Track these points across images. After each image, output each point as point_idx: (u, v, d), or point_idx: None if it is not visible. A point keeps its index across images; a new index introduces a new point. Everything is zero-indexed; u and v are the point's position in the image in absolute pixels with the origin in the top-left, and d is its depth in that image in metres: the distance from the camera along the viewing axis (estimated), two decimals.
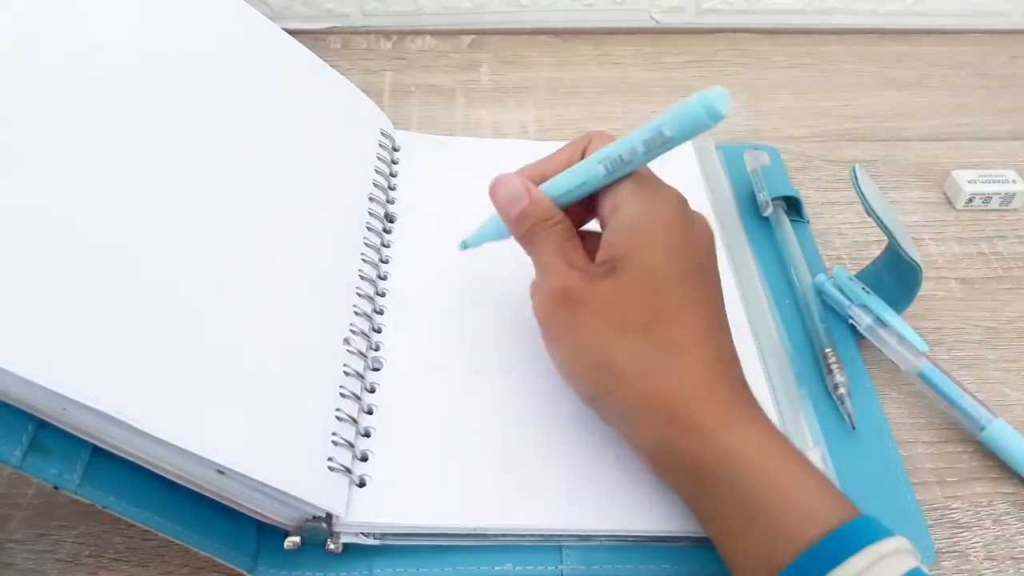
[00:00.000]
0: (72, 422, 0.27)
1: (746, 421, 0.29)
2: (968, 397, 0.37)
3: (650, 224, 0.31)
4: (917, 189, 0.51)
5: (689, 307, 0.30)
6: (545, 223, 0.33)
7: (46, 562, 0.33)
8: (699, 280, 0.31)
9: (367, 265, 0.40)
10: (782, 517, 0.27)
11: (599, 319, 0.30)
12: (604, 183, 0.32)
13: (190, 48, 0.37)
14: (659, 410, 0.30)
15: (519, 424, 0.35)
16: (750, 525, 0.28)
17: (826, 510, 0.27)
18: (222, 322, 0.31)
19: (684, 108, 0.29)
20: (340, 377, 0.34)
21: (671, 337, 0.30)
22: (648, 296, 0.30)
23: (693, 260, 0.31)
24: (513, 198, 0.33)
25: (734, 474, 0.28)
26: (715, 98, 0.28)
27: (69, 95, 0.31)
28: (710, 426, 0.29)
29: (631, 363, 0.30)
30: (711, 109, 0.28)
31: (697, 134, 0.30)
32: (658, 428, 0.30)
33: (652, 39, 0.63)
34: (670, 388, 0.29)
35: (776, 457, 0.28)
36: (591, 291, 0.31)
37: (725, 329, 0.32)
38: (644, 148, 0.30)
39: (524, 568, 0.32)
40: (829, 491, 0.28)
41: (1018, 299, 0.44)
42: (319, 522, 0.31)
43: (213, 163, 0.35)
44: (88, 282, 0.28)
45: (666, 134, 0.30)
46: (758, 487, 0.28)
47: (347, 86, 0.47)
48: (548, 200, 0.33)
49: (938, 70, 0.60)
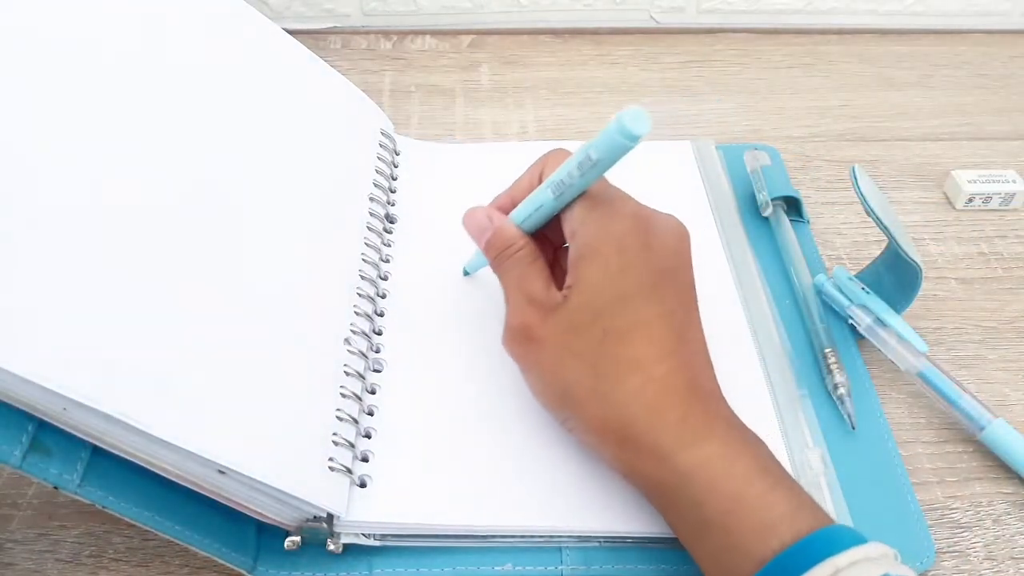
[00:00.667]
0: (72, 422, 0.27)
1: (702, 439, 0.29)
2: (968, 397, 0.37)
3: (599, 246, 0.31)
4: (917, 189, 0.51)
5: (642, 325, 0.30)
6: (508, 250, 0.33)
7: (46, 562, 0.33)
8: (657, 293, 0.31)
9: (368, 265, 0.40)
10: (737, 535, 0.27)
11: (555, 351, 0.31)
12: (558, 206, 0.32)
13: (190, 48, 0.37)
14: (611, 434, 0.30)
15: (519, 425, 0.35)
16: (708, 541, 0.28)
17: (784, 525, 0.26)
18: (223, 322, 0.31)
19: (604, 130, 0.29)
20: (341, 377, 0.34)
21: (621, 359, 0.30)
22: (596, 320, 0.30)
23: (650, 273, 0.31)
24: (480, 229, 0.35)
25: (688, 494, 0.28)
26: (629, 118, 0.28)
27: (69, 95, 0.31)
28: (661, 448, 0.29)
29: (582, 391, 0.30)
30: (624, 129, 0.28)
31: (620, 155, 0.30)
32: (613, 451, 0.30)
33: (652, 39, 0.63)
34: (619, 414, 0.29)
35: (734, 474, 0.28)
36: (546, 326, 0.31)
37: (692, 340, 0.31)
38: (579, 171, 0.31)
39: (524, 568, 0.32)
40: (792, 504, 0.27)
41: (1018, 299, 0.44)
42: (319, 522, 0.31)
43: (213, 163, 0.35)
44: (88, 282, 0.27)
45: (593, 157, 0.30)
46: (712, 506, 0.27)
47: (347, 86, 0.47)
48: (512, 228, 0.34)
49: (938, 70, 0.60)
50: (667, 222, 0.33)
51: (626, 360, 0.30)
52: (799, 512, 0.27)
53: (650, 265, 0.31)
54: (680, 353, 0.30)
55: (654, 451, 0.29)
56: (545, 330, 0.31)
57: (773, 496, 0.27)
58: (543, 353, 0.31)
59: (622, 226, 0.31)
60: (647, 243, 0.31)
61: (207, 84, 0.37)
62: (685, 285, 0.32)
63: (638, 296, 0.30)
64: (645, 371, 0.29)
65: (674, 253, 0.32)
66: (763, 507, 0.27)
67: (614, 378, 0.30)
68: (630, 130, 0.28)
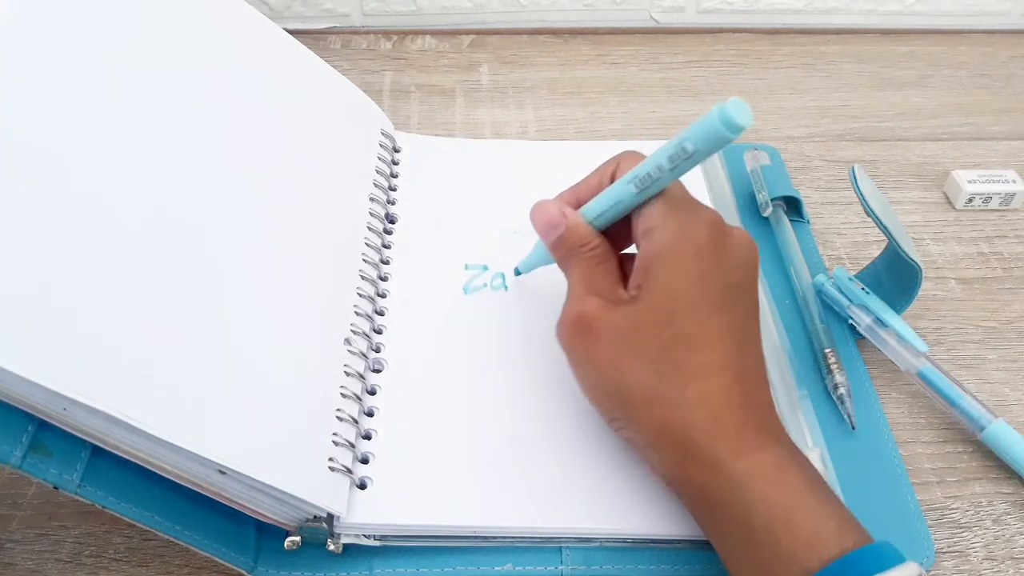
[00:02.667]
0: (72, 422, 0.27)
1: (756, 450, 0.29)
2: (968, 397, 0.37)
3: (677, 249, 0.31)
4: (917, 189, 0.51)
5: (709, 334, 0.30)
6: (580, 248, 0.33)
7: (46, 562, 0.33)
8: (726, 305, 0.30)
9: (368, 265, 0.40)
10: (785, 545, 0.27)
11: (614, 346, 0.30)
12: (637, 201, 0.32)
13: (190, 48, 0.37)
14: (668, 439, 0.29)
15: (519, 425, 0.35)
16: (753, 550, 0.28)
17: (831, 539, 0.27)
18: (223, 322, 0.31)
19: (703, 121, 0.28)
20: (341, 378, 0.34)
21: (686, 365, 0.30)
22: (665, 323, 0.30)
23: (722, 284, 0.31)
24: (550, 224, 0.34)
25: (738, 502, 0.28)
26: (732, 109, 0.27)
27: (69, 94, 0.31)
28: (717, 455, 0.28)
29: (643, 391, 0.30)
30: (728, 120, 0.28)
31: (719, 147, 0.29)
32: (668, 457, 0.30)
33: (652, 39, 0.63)
34: (679, 417, 0.29)
35: (785, 486, 0.28)
36: (607, 318, 0.31)
37: (752, 354, 0.31)
38: (670, 164, 0.30)
39: (524, 568, 0.32)
40: (839, 520, 0.28)
41: (1018, 299, 0.44)
42: (319, 522, 0.31)
43: (213, 163, 0.35)
44: (88, 282, 0.27)
45: (688, 149, 0.29)
46: (762, 515, 0.27)
47: (348, 86, 0.47)
48: (585, 225, 0.33)
49: (938, 70, 0.60)
50: (741, 236, 0.32)
51: (692, 366, 0.29)
52: (846, 528, 0.27)
53: (723, 276, 0.31)
54: (741, 364, 0.30)
55: (709, 457, 0.29)
56: (607, 323, 0.31)
57: (823, 510, 0.28)
58: (600, 347, 0.31)
59: (702, 233, 0.31)
60: (722, 254, 0.31)
61: (207, 84, 0.37)
62: (751, 300, 0.32)
63: (710, 305, 0.30)
64: (709, 378, 0.29)
65: (745, 267, 0.32)
66: (813, 519, 0.27)
67: (678, 382, 0.29)
68: (734, 120, 0.27)
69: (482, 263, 0.42)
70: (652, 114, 0.56)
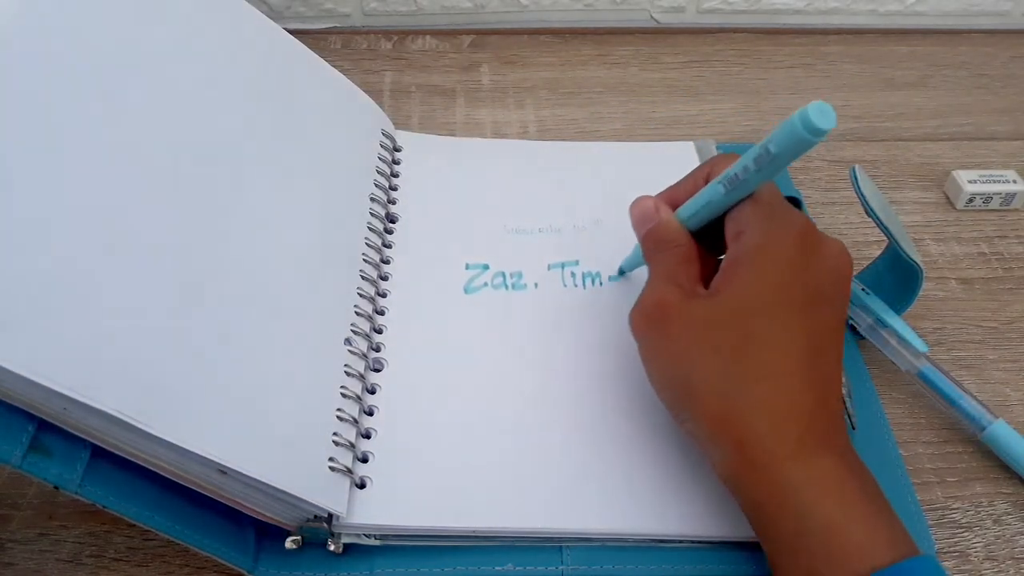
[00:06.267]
0: (72, 422, 0.27)
1: (817, 455, 0.29)
2: (968, 397, 0.37)
3: (762, 252, 0.31)
4: (917, 189, 0.51)
5: (783, 338, 0.30)
6: (667, 243, 0.33)
7: (47, 562, 0.33)
8: (807, 311, 0.30)
9: (368, 265, 0.40)
10: (837, 550, 0.27)
11: (687, 337, 0.30)
12: (726, 202, 0.32)
13: (190, 47, 0.37)
14: (727, 436, 0.29)
15: (519, 425, 0.35)
16: (804, 554, 0.28)
17: (885, 548, 0.27)
18: (223, 322, 0.31)
19: (785, 124, 0.28)
20: (342, 377, 0.34)
21: (754, 365, 0.30)
22: (740, 322, 0.30)
23: (805, 290, 0.30)
24: (644, 217, 0.35)
25: (793, 504, 0.28)
26: (813, 112, 0.27)
27: (69, 94, 0.31)
28: (776, 456, 0.29)
29: (708, 385, 0.30)
30: (808, 123, 0.27)
31: (802, 150, 0.29)
32: (726, 453, 0.30)
33: (652, 39, 0.63)
34: (741, 416, 0.29)
35: (840, 494, 0.28)
36: (683, 308, 0.31)
37: (829, 362, 0.31)
38: (756, 166, 0.30)
39: (524, 568, 0.32)
40: (891, 531, 0.28)
41: (1018, 299, 0.44)
42: (320, 522, 0.31)
43: (213, 162, 0.35)
44: (89, 282, 0.27)
45: (772, 151, 0.29)
46: (817, 519, 0.27)
47: (348, 86, 0.47)
48: (676, 223, 0.34)
49: (938, 70, 0.60)
50: (833, 246, 0.32)
51: (761, 367, 0.29)
52: (900, 540, 0.27)
53: (807, 283, 0.31)
54: (814, 371, 0.30)
55: (768, 460, 0.29)
56: (683, 314, 0.31)
57: (878, 520, 0.28)
58: (674, 337, 0.31)
59: (789, 238, 0.31)
60: (808, 261, 0.31)
61: (207, 84, 0.37)
62: (837, 309, 0.32)
63: (788, 310, 0.30)
64: (776, 381, 0.29)
65: (833, 277, 0.32)
66: (868, 528, 0.27)
67: (745, 381, 0.29)
68: (815, 124, 0.27)
69: (483, 263, 0.42)
70: (652, 114, 0.56)
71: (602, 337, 0.39)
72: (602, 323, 0.40)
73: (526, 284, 0.41)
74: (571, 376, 0.37)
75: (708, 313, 0.30)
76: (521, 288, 0.41)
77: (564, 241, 0.43)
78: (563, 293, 0.41)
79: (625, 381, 0.37)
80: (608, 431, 0.35)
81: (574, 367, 0.38)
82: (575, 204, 0.45)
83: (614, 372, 0.37)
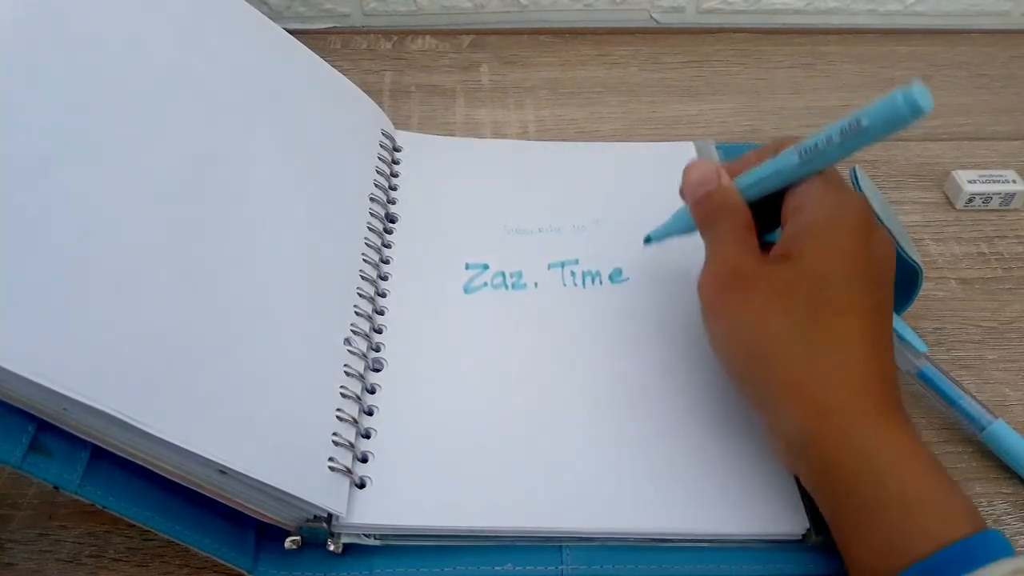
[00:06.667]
0: (72, 422, 0.27)
1: (892, 425, 0.29)
2: (968, 397, 0.37)
3: (834, 226, 0.31)
4: (917, 189, 0.51)
5: (857, 307, 0.30)
6: (730, 209, 0.33)
7: (46, 562, 0.33)
8: (873, 288, 0.31)
9: (368, 265, 0.40)
10: (918, 516, 0.27)
11: (766, 301, 0.31)
12: (797, 173, 0.32)
13: (190, 47, 0.37)
14: (804, 399, 0.29)
15: (519, 424, 0.35)
16: (878, 520, 0.28)
17: (965, 516, 0.27)
18: (223, 322, 0.31)
19: (884, 99, 0.29)
20: (341, 378, 0.34)
21: (834, 331, 0.30)
22: (820, 288, 0.30)
23: (869, 266, 0.31)
24: (703, 180, 0.34)
25: (871, 471, 0.28)
26: (916, 91, 0.28)
27: (70, 94, 0.31)
28: (853, 423, 0.29)
29: (786, 349, 0.30)
30: (911, 101, 0.28)
31: (896, 127, 0.29)
32: (800, 417, 0.30)
33: (652, 39, 0.63)
34: (821, 379, 0.29)
35: (918, 464, 0.28)
36: (763, 273, 0.31)
37: (888, 340, 0.31)
38: (840, 138, 0.30)
39: (524, 568, 0.32)
40: (964, 503, 0.28)
41: (1018, 299, 0.44)
42: (319, 522, 0.31)
43: (214, 162, 0.35)
44: (89, 282, 0.27)
45: (863, 123, 0.29)
46: (896, 485, 0.28)
47: (348, 86, 0.47)
48: (735, 190, 0.34)
49: (938, 70, 0.60)
50: (884, 234, 0.33)
51: (839, 332, 0.30)
52: (974, 513, 0.28)
53: (871, 262, 0.31)
54: (881, 343, 0.31)
55: (848, 426, 0.29)
56: (762, 278, 0.31)
57: (951, 493, 0.28)
58: (751, 300, 0.31)
59: (856, 215, 0.31)
60: (870, 239, 0.31)
61: (207, 84, 0.37)
62: (888, 293, 0.32)
63: (860, 282, 0.30)
64: (852, 348, 0.30)
65: (885, 262, 0.32)
66: (947, 497, 0.28)
67: (823, 347, 0.30)
68: (917, 102, 0.28)
69: (483, 262, 0.42)
70: (652, 114, 0.56)
71: (602, 336, 0.39)
72: (602, 322, 0.40)
73: (526, 284, 0.41)
74: (571, 375, 0.37)
75: (787, 278, 0.31)
76: (521, 288, 0.41)
77: (564, 240, 0.43)
78: (563, 292, 0.41)
79: (625, 380, 0.37)
80: (608, 430, 0.35)
81: (574, 366, 0.38)
82: (575, 204, 0.45)
83: (614, 371, 0.37)
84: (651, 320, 0.40)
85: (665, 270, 0.42)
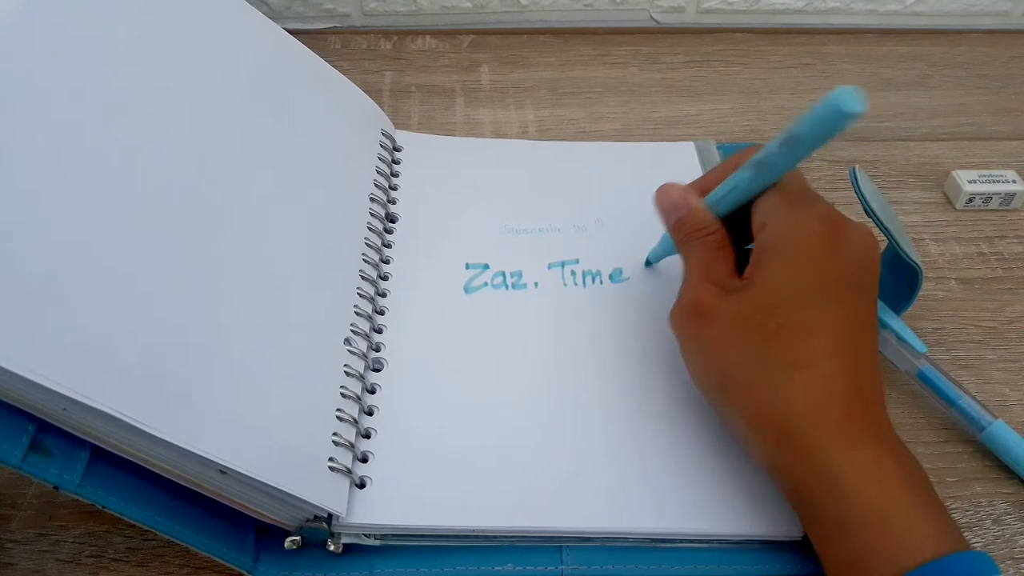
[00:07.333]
0: (72, 422, 0.27)
1: (858, 443, 0.29)
2: (968, 398, 0.37)
3: (788, 241, 0.31)
4: (917, 189, 0.51)
5: (817, 325, 0.30)
6: (698, 232, 0.34)
7: (46, 562, 0.33)
8: (837, 297, 0.30)
9: (368, 265, 0.40)
10: (880, 541, 0.27)
11: (724, 333, 0.31)
12: (752, 188, 0.32)
13: (190, 47, 0.37)
14: (767, 426, 0.30)
15: (519, 424, 0.35)
16: (847, 543, 0.28)
17: (929, 541, 0.27)
18: (223, 322, 0.31)
19: (813, 106, 0.29)
20: (341, 378, 0.34)
21: (790, 353, 0.30)
22: (771, 312, 0.30)
23: (834, 276, 0.31)
24: (673, 205, 0.35)
25: (835, 494, 0.28)
26: (839, 96, 0.28)
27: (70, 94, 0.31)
28: (815, 445, 0.29)
29: (745, 377, 0.30)
30: (833, 104, 0.28)
31: (830, 132, 0.29)
32: (766, 444, 0.30)
33: (652, 39, 0.63)
34: (780, 404, 0.29)
35: (883, 484, 0.28)
36: (720, 306, 0.31)
37: (861, 347, 0.31)
38: (780, 148, 0.30)
39: (524, 568, 0.32)
40: (937, 523, 0.28)
41: (1018, 299, 0.44)
42: (320, 522, 0.31)
43: (214, 162, 0.35)
44: (89, 281, 0.27)
45: (796, 132, 0.30)
46: (859, 509, 0.27)
47: (348, 86, 0.47)
48: (706, 210, 0.34)
49: (938, 70, 0.60)
50: (859, 231, 0.32)
51: (795, 355, 0.30)
52: (945, 533, 0.27)
53: (834, 268, 0.31)
54: (848, 357, 0.30)
55: (808, 447, 0.29)
56: (718, 310, 0.31)
57: (923, 511, 0.28)
58: (711, 333, 0.31)
59: (813, 225, 0.31)
60: (835, 246, 0.31)
61: (207, 84, 0.37)
62: (867, 295, 0.32)
63: (817, 296, 0.30)
64: (812, 368, 0.29)
65: (860, 262, 0.32)
66: (911, 519, 0.27)
67: (780, 371, 0.30)
68: (839, 106, 0.28)
69: (483, 262, 0.42)
70: (652, 114, 0.56)
71: (603, 336, 0.39)
72: (603, 322, 0.40)
73: (526, 283, 0.41)
74: (572, 375, 0.37)
75: (741, 308, 0.31)
76: (521, 287, 0.41)
77: (564, 240, 0.43)
78: (563, 292, 0.41)
79: (625, 380, 0.37)
80: (608, 430, 0.35)
81: (574, 366, 0.38)
82: (575, 204, 0.45)
83: (614, 371, 0.37)
84: (651, 320, 0.40)
85: (665, 270, 0.42)
